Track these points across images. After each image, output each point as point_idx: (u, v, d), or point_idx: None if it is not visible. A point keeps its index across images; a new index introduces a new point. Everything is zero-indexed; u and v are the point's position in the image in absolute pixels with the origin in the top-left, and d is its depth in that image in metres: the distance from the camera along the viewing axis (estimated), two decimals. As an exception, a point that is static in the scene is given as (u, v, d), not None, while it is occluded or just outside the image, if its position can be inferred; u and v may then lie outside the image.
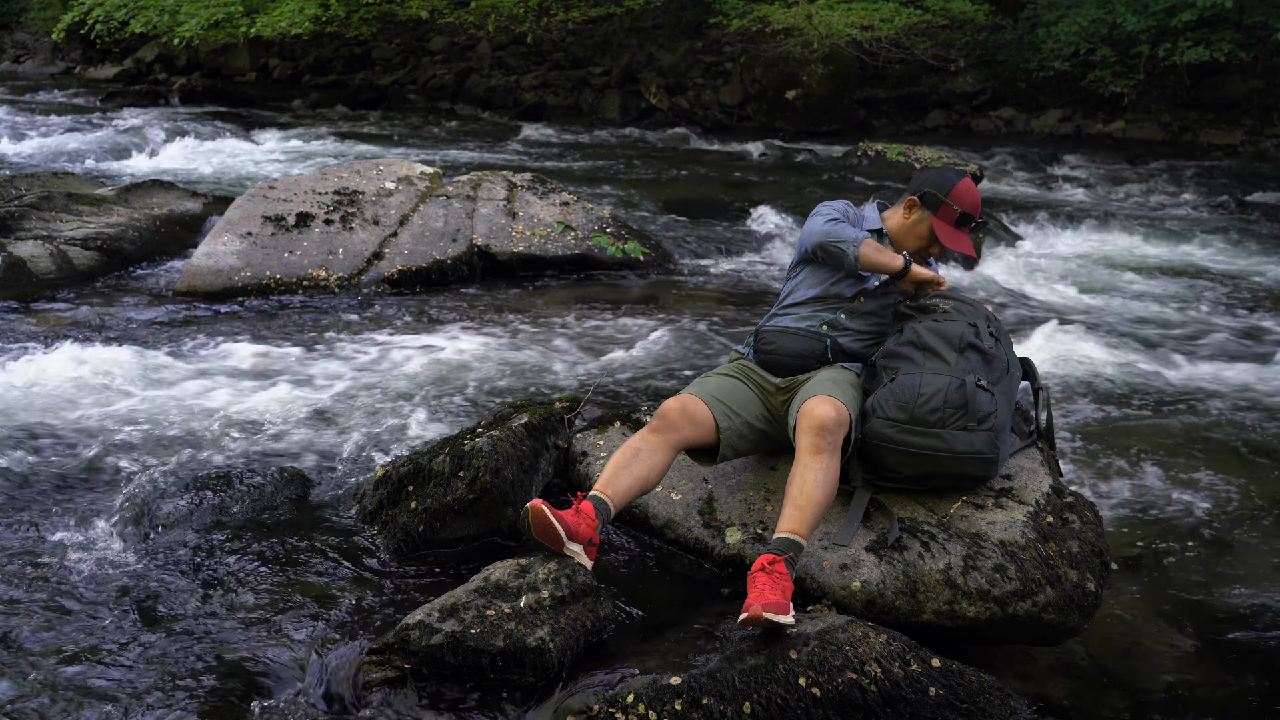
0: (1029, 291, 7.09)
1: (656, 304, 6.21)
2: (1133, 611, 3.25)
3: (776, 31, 14.03)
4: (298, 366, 4.99)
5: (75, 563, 3.17)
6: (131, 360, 4.87)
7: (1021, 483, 3.17)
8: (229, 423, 4.27)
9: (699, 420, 3.11)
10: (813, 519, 2.84)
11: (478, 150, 12.34)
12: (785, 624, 2.62)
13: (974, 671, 2.65)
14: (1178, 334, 6.23)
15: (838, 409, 2.93)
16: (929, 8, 13.89)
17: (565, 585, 2.78)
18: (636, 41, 16.77)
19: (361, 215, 6.74)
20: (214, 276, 6.03)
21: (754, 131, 14.37)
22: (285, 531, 3.37)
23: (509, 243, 6.71)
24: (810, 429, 2.92)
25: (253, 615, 2.92)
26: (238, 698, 2.60)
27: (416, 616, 2.66)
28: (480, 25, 15.86)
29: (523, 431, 3.50)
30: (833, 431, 2.91)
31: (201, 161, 10.72)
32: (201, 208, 7.52)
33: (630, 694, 2.45)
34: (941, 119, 15.27)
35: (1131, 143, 13.86)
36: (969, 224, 3.39)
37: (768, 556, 2.75)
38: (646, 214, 8.39)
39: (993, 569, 2.85)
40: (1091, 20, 13.53)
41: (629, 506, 3.32)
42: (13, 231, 6.45)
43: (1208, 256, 8.22)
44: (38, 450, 3.95)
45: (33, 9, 22.87)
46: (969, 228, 3.41)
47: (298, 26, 13.72)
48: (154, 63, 19.87)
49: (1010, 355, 3.26)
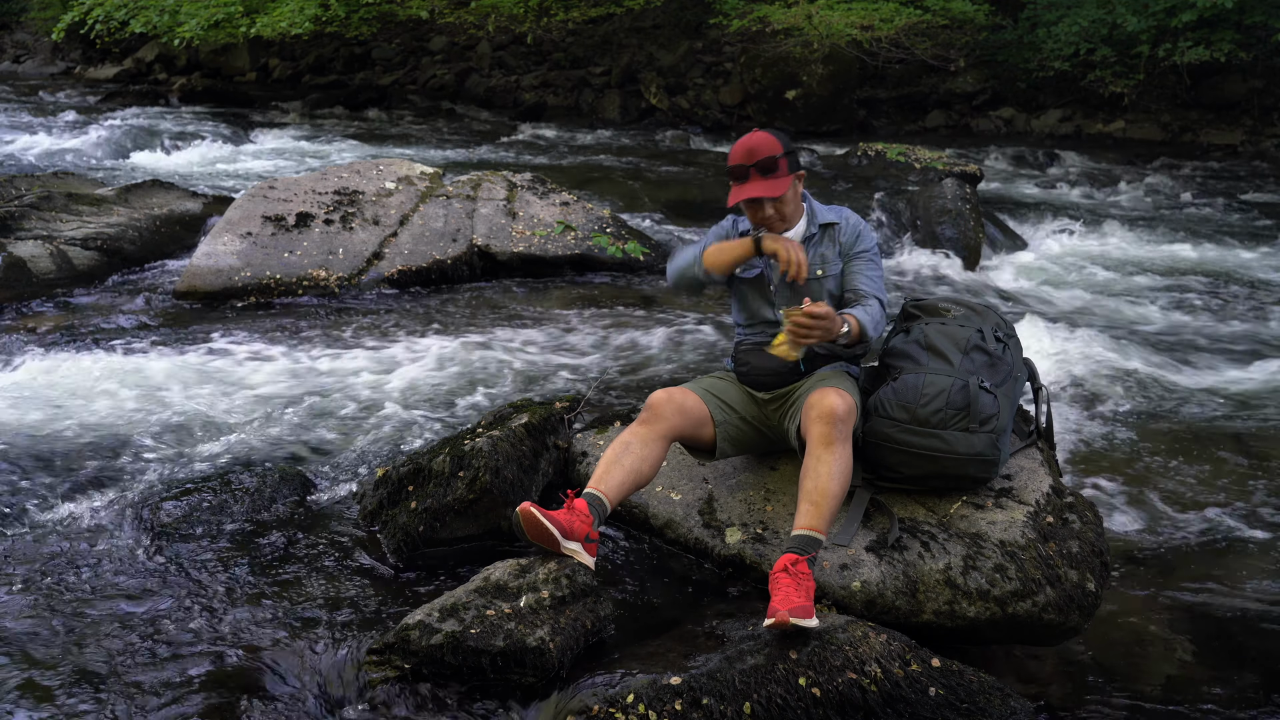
0: (1028, 291, 7.09)
1: (656, 304, 6.20)
2: (1133, 611, 3.25)
3: (776, 31, 14.03)
4: (297, 367, 4.99)
5: (75, 563, 3.17)
6: (131, 360, 4.87)
7: (1021, 483, 3.17)
8: (229, 422, 4.27)
9: (690, 411, 3.09)
10: (830, 513, 2.82)
11: (478, 150, 12.34)
12: (811, 628, 2.61)
13: (974, 671, 2.65)
14: (1177, 334, 6.23)
15: (846, 399, 2.92)
16: (929, 8, 13.88)
17: (565, 585, 2.78)
18: (636, 41, 16.77)
19: (361, 215, 6.74)
20: (214, 276, 6.03)
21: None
22: (285, 531, 3.37)
23: (509, 243, 6.71)
24: (821, 418, 2.88)
25: (252, 615, 2.92)
26: (237, 697, 2.60)
27: (416, 616, 2.66)
28: (480, 25, 15.86)
29: (523, 431, 3.50)
30: (844, 420, 2.89)
31: (201, 161, 10.72)
32: (201, 208, 7.52)
33: (630, 694, 2.45)
34: (941, 119, 15.27)
35: (1131, 143, 13.86)
36: (739, 175, 3.15)
37: (790, 557, 2.73)
38: (646, 214, 8.39)
39: (993, 569, 2.85)
40: (1091, 20, 13.52)
41: (628, 505, 3.32)
42: (13, 231, 6.45)
43: (1207, 256, 8.21)
44: (37, 451, 3.95)
45: (33, 9, 22.86)
46: (743, 178, 3.15)
47: (298, 27, 13.71)
48: (154, 63, 19.87)
49: (1017, 359, 3.26)
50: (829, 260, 3.24)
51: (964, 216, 7.86)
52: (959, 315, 3.29)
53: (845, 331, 2.99)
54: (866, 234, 3.29)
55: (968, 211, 7.92)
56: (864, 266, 3.24)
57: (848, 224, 3.27)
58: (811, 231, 3.26)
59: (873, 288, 3.21)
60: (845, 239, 3.26)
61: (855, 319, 3.05)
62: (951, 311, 3.33)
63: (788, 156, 3.14)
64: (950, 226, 7.77)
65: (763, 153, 3.10)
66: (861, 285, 3.21)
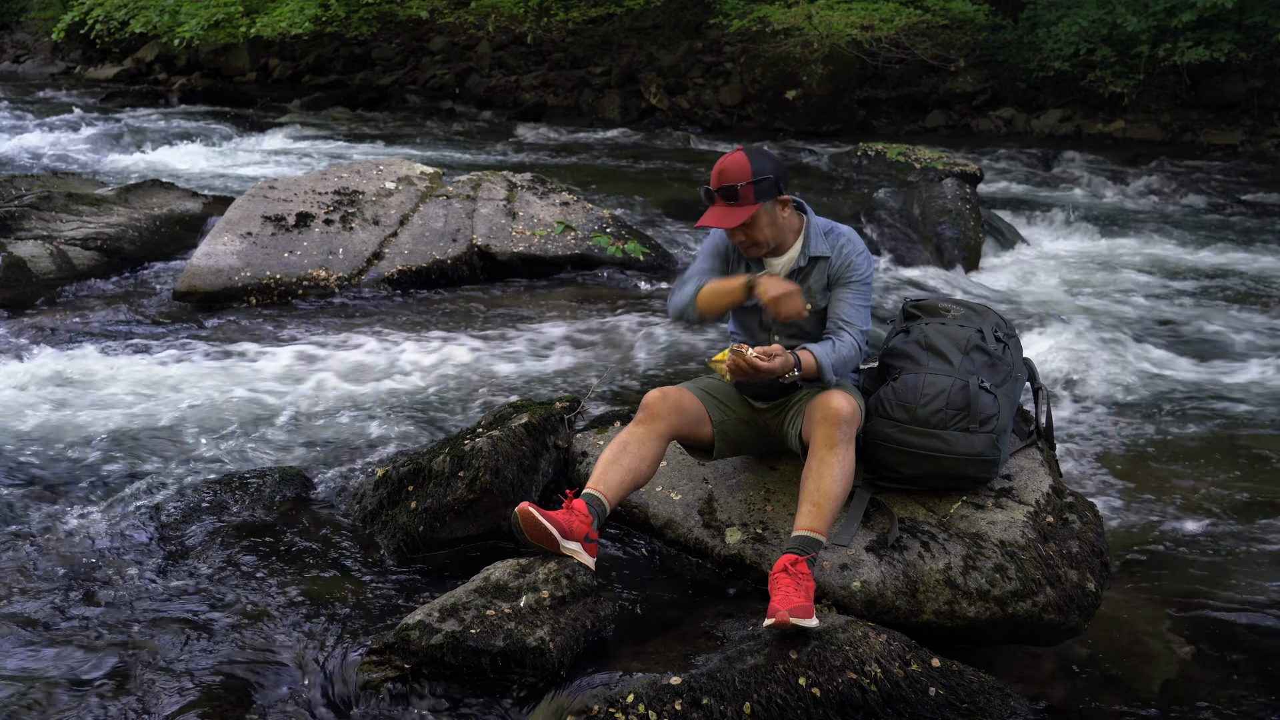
0: (1028, 291, 7.09)
1: (656, 304, 6.20)
2: (1133, 611, 3.25)
3: (776, 31, 14.02)
4: (297, 366, 4.98)
5: (74, 563, 3.17)
6: (131, 360, 4.87)
7: (1021, 483, 3.17)
8: (229, 422, 4.27)
9: (687, 410, 3.09)
10: (830, 514, 2.82)
11: (478, 150, 12.33)
12: (811, 628, 2.62)
13: (974, 671, 2.65)
14: (1177, 334, 6.23)
15: (850, 402, 2.92)
16: (929, 8, 13.87)
17: (565, 585, 2.78)
18: (636, 41, 16.76)
19: (361, 215, 6.74)
20: (214, 276, 6.03)
21: (754, 131, 14.35)
22: (285, 531, 3.37)
23: (509, 243, 6.71)
24: (826, 419, 2.88)
25: (252, 615, 2.92)
26: (237, 697, 2.60)
27: (416, 616, 2.66)
28: (480, 25, 15.85)
29: (523, 431, 3.50)
30: (849, 423, 2.89)
31: (201, 161, 10.71)
32: (201, 208, 7.52)
33: (630, 694, 2.45)
34: (941, 119, 15.26)
35: (1131, 143, 13.84)
36: (708, 197, 3.08)
37: (789, 557, 2.73)
38: (646, 214, 8.38)
39: (993, 569, 2.85)
40: (1091, 20, 13.51)
41: (628, 505, 3.32)
42: (13, 231, 6.45)
43: (1207, 256, 8.21)
44: (37, 451, 3.95)
45: (33, 9, 22.85)
46: (710, 201, 3.08)
47: (298, 27, 13.70)
48: (154, 63, 19.86)
49: (1017, 359, 3.26)
50: (815, 294, 3.13)
51: (964, 216, 7.86)
52: (959, 315, 3.30)
53: (795, 374, 2.93)
54: (860, 262, 3.13)
55: (968, 211, 7.92)
56: (849, 294, 3.12)
57: (840, 255, 3.12)
58: (800, 264, 3.13)
59: (855, 317, 3.10)
60: (835, 269, 3.13)
61: (813, 358, 2.97)
62: (951, 311, 3.33)
63: (757, 184, 2.98)
64: (950, 226, 7.77)
65: (728, 178, 3.00)
66: (843, 314, 3.10)
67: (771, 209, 3.05)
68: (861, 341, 3.11)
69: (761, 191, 3.00)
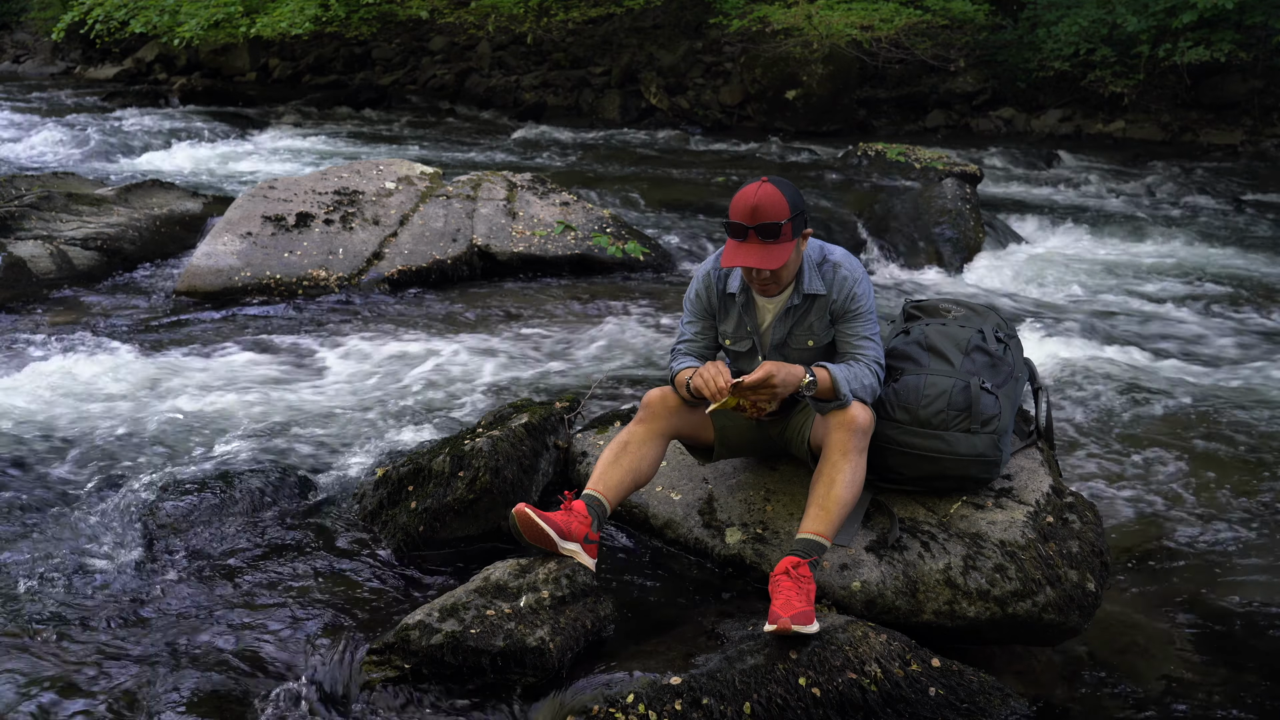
0: (1028, 291, 7.09)
1: (656, 304, 6.20)
2: (1133, 611, 3.25)
3: (776, 31, 14.02)
4: (298, 366, 4.99)
5: (74, 563, 3.17)
6: (131, 360, 4.87)
7: (1021, 483, 3.17)
8: (229, 422, 4.27)
9: (687, 410, 3.07)
10: (838, 520, 2.81)
11: (478, 150, 12.33)
12: (811, 633, 2.62)
13: (974, 671, 2.65)
14: (1177, 334, 6.23)
15: (867, 411, 2.90)
16: (929, 8, 13.88)
17: (565, 585, 2.78)
18: (636, 41, 16.76)
19: (361, 215, 6.74)
20: (214, 276, 6.03)
21: (754, 131, 14.35)
22: (285, 531, 3.37)
23: (509, 243, 6.71)
24: (842, 425, 2.86)
25: (252, 615, 2.92)
26: (237, 697, 2.60)
27: (416, 616, 2.66)
28: (480, 25, 15.86)
29: (523, 431, 3.50)
30: (864, 431, 2.88)
31: (201, 161, 10.71)
32: (201, 208, 7.52)
33: (630, 694, 2.45)
34: (941, 119, 15.26)
35: (1131, 143, 13.85)
36: (738, 233, 2.85)
37: (791, 559, 2.73)
38: (646, 214, 8.38)
39: (993, 569, 2.85)
40: (1091, 20, 13.52)
41: (628, 505, 3.32)
42: (13, 231, 6.45)
43: (1207, 256, 8.21)
44: (37, 451, 3.95)
45: (33, 9, 22.86)
46: (741, 237, 2.85)
47: (298, 27, 13.71)
48: (154, 63, 19.87)
49: (1018, 359, 3.26)
50: (817, 331, 3.01)
51: (964, 216, 7.87)
52: (959, 316, 3.29)
53: (810, 380, 2.84)
54: (861, 294, 2.98)
55: (967, 211, 7.92)
56: (858, 326, 2.99)
57: (840, 291, 2.97)
58: (794, 303, 2.99)
59: (869, 348, 2.98)
60: (836, 305, 2.98)
61: (829, 374, 2.86)
62: (952, 312, 3.33)
63: (794, 220, 2.82)
64: (950, 226, 7.78)
65: (767, 215, 2.79)
66: (856, 347, 2.98)
67: (801, 243, 2.93)
68: (880, 372, 2.99)
69: (798, 226, 2.86)
